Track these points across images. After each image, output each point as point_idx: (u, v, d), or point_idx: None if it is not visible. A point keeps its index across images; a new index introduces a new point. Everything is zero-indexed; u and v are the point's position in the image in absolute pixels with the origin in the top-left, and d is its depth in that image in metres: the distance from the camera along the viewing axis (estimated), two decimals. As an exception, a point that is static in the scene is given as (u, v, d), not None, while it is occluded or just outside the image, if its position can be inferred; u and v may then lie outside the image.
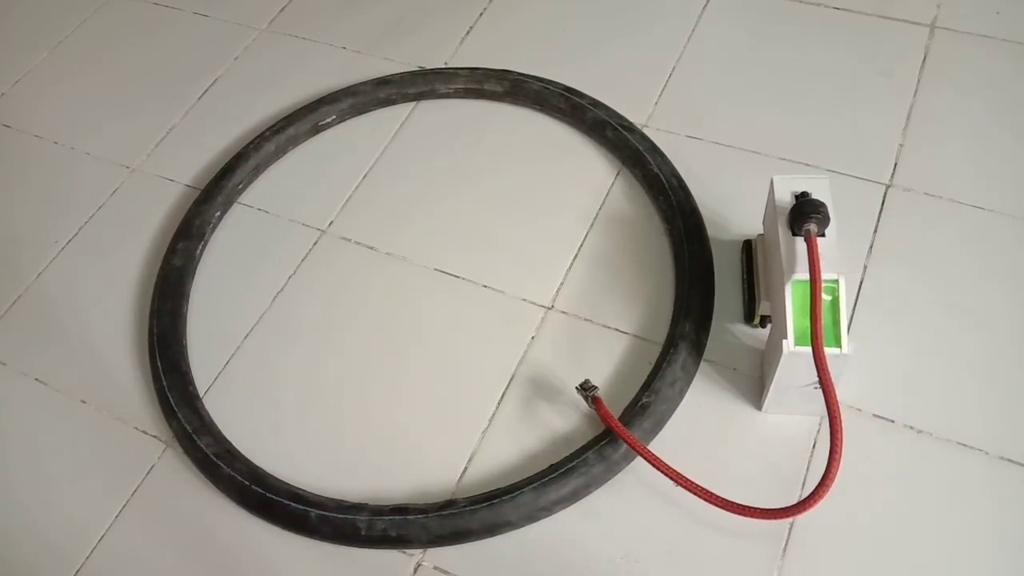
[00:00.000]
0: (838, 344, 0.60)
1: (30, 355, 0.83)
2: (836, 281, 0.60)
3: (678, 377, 0.71)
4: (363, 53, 1.05)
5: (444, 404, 0.74)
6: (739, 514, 0.60)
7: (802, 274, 0.61)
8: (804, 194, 0.65)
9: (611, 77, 0.95)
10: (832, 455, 0.58)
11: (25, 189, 0.98)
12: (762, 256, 0.72)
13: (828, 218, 0.63)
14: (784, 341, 0.60)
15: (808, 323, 0.59)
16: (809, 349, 0.59)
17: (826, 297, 0.60)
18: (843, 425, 0.58)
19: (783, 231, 0.64)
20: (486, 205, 0.88)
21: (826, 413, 0.59)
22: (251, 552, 0.69)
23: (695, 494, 0.62)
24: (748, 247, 0.77)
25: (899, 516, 0.64)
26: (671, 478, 0.62)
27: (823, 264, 0.60)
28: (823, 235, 0.63)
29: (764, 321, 0.72)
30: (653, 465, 0.63)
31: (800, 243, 0.62)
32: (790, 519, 0.63)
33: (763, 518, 0.60)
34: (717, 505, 0.61)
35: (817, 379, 0.59)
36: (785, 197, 0.65)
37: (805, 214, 0.62)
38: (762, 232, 0.73)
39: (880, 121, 0.87)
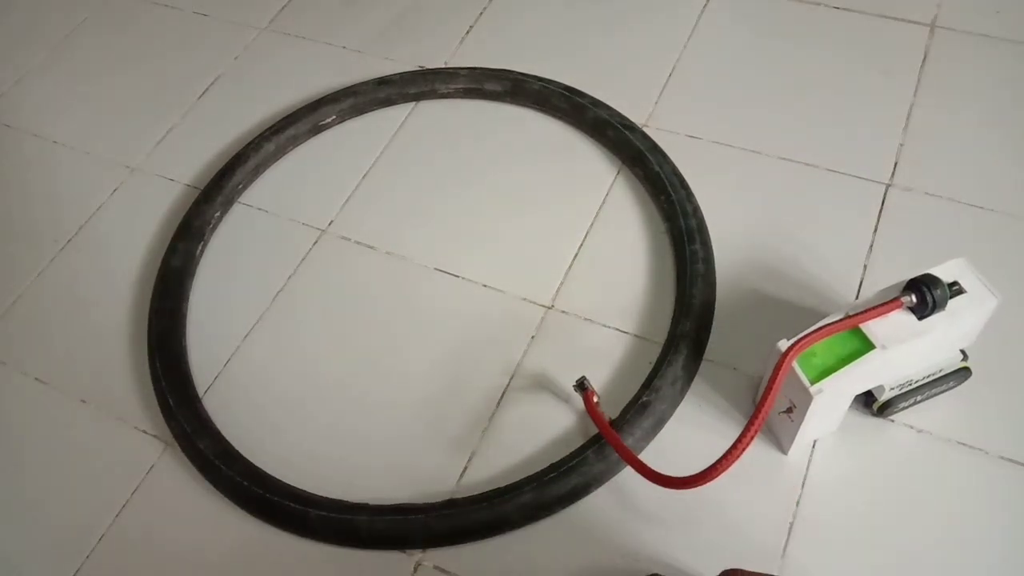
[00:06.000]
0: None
1: (30, 355, 0.83)
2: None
3: (679, 376, 0.71)
4: (363, 53, 1.05)
5: (444, 403, 0.74)
6: (652, 480, 0.62)
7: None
8: None
9: (611, 76, 0.95)
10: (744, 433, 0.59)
11: (25, 189, 0.98)
12: None
13: None
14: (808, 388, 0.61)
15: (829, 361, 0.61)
16: (830, 381, 0.60)
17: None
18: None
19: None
20: (486, 205, 0.88)
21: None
22: (251, 553, 0.69)
23: (620, 454, 0.65)
24: None
25: (898, 515, 0.64)
26: (617, 450, 0.65)
27: None
28: None
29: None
30: (605, 436, 0.66)
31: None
32: (698, 486, 0.61)
33: (669, 486, 0.61)
34: (636, 469, 0.63)
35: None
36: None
37: None
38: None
39: (880, 121, 0.87)
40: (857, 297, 0.75)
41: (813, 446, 0.68)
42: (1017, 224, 0.78)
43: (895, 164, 0.84)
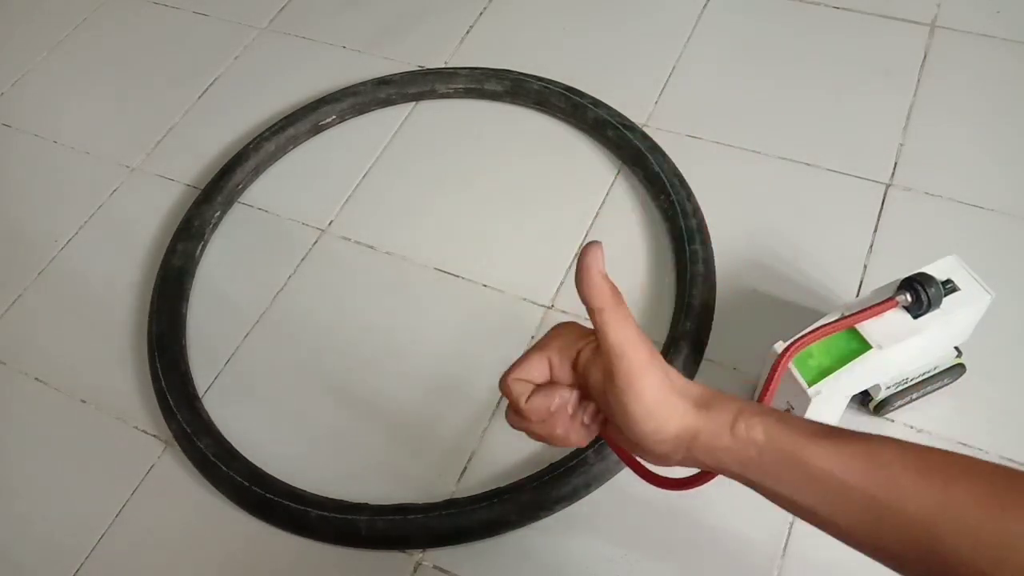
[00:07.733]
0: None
1: (30, 355, 0.83)
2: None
3: (678, 377, 0.71)
4: (363, 53, 1.05)
5: (444, 403, 0.74)
6: (650, 482, 0.57)
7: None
8: None
9: (612, 76, 0.95)
10: None
11: (25, 189, 0.98)
12: None
13: None
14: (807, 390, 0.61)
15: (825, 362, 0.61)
16: (827, 382, 0.60)
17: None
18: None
19: None
20: (486, 205, 0.88)
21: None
22: (251, 552, 0.69)
23: (619, 455, 0.59)
24: None
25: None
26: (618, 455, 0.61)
27: None
28: None
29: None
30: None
31: None
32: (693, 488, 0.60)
33: (667, 487, 0.57)
34: (634, 470, 0.58)
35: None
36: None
37: None
38: None
39: (880, 121, 0.87)
40: (857, 297, 0.75)
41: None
42: (1017, 223, 0.78)
43: (895, 164, 0.84)
